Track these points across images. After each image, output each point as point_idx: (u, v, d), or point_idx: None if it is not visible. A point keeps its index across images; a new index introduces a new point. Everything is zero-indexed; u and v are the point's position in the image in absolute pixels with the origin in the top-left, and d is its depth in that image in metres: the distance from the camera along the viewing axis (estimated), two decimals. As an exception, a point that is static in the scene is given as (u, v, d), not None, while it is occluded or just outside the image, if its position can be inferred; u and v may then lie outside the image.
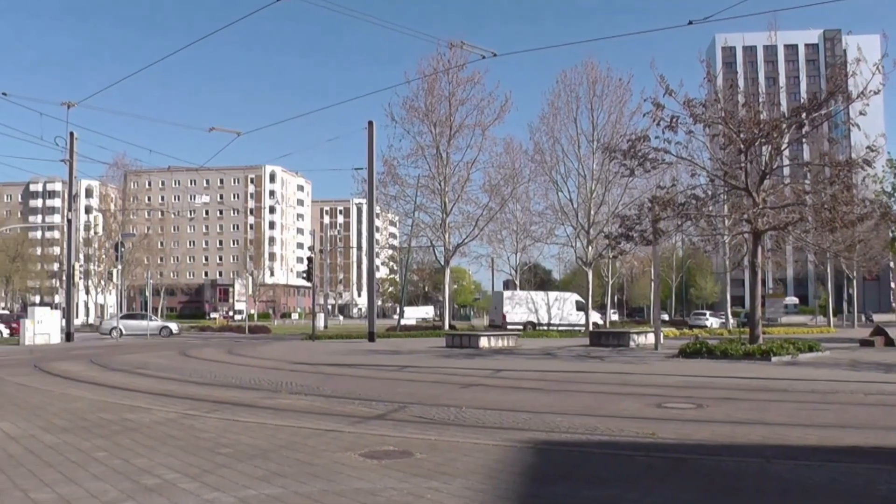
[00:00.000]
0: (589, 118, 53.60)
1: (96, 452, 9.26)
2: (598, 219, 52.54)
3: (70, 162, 50.99)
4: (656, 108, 27.66)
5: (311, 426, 11.25)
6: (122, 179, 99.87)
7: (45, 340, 45.83)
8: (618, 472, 8.08)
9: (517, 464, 8.43)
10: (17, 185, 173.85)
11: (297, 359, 29.31)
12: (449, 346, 36.44)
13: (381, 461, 8.51)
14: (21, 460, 8.88)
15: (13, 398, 15.80)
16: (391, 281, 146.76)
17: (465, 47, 32.40)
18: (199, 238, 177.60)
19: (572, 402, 14.69)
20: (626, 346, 34.80)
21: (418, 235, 61.78)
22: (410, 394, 16.37)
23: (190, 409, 13.68)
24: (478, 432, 10.92)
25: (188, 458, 8.85)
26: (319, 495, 6.91)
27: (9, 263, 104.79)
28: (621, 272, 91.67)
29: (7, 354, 34.70)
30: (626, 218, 31.63)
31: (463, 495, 6.87)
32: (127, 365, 26.80)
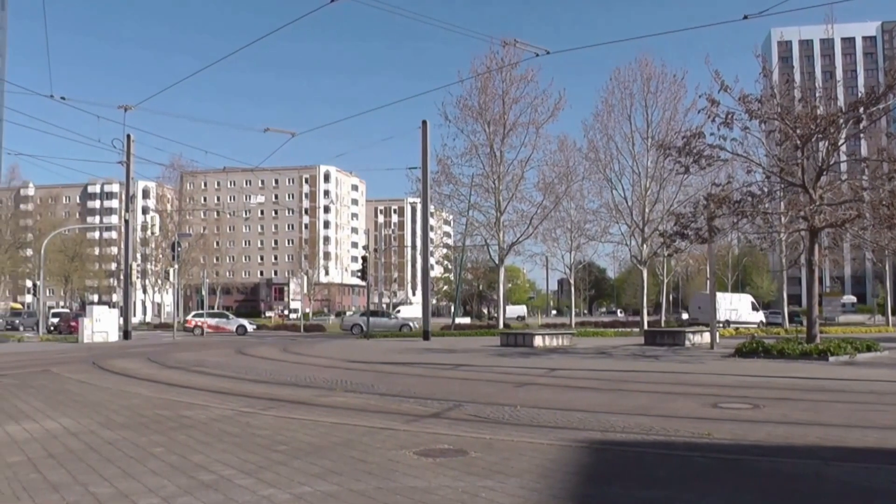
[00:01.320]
0: (643, 115, 53.16)
1: (154, 448, 9.36)
2: (652, 217, 52.10)
3: (127, 163, 51.63)
4: (711, 104, 27.37)
5: (365, 424, 11.25)
6: (179, 180, 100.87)
7: (104, 338, 46.46)
8: (673, 472, 8.00)
9: (572, 463, 8.37)
10: (76, 187, 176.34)
11: (352, 357, 29.42)
12: (503, 344, 36.38)
13: (436, 459, 8.50)
14: (81, 455, 9.00)
15: (73, 395, 16.01)
16: (445, 280, 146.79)
17: (518, 45, 32.35)
18: (255, 237, 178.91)
19: (627, 402, 14.58)
20: (681, 346, 34.48)
21: (472, 234, 61.80)
22: (465, 392, 16.35)
23: (246, 406, 13.78)
24: (532, 431, 10.87)
25: (244, 454, 8.90)
26: (374, 493, 6.92)
27: (68, 263, 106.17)
28: (676, 271, 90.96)
29: (66, 352, 35.20)
30: (681, 216, 31.34)
31: (517, 494, 6.84)
32: (183, 363, 27.07)
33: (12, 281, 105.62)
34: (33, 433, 10.74)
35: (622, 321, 77.03)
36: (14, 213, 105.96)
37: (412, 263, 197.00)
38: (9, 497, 7.08)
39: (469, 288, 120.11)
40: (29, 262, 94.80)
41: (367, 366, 24.96)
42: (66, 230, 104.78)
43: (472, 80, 54.30)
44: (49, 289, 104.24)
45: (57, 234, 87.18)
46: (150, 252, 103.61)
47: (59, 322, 62.47)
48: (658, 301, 74.41)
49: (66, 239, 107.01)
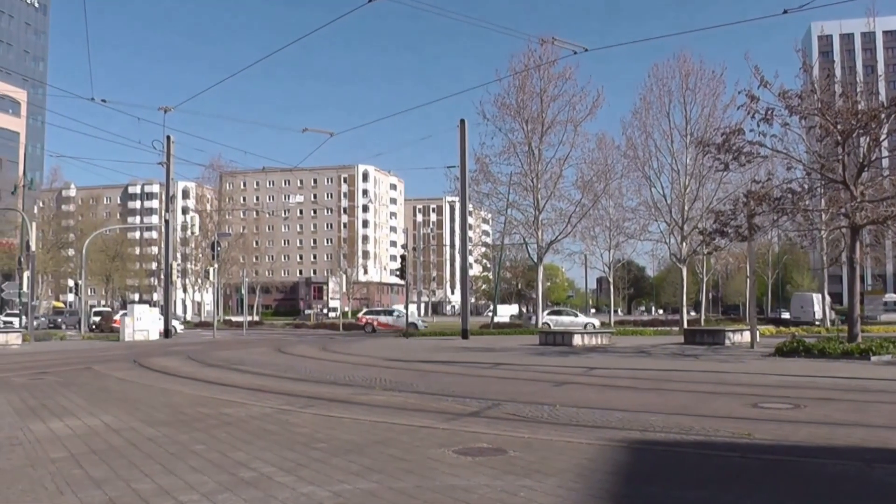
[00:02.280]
0: (682, 112, 52.82)
1: (194, 445, 9.42)
2: (691, 214, 51.77)
3: (167, 164, 52.11)
4: (751, 100, 27.14)
5: (404, 422, 11.26)
6: (218, 180, 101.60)
7: (144, 337, 46.88)
8: (713, 473, 7.94)
9: (610, 463, 8.34)
10: (117, 188, 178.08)
11: (391, 355, 29.47)
12: (542, 343, 36.30)
13: (475, 458, 8.49)
14: (123, 452, 9.08)
15: (115, 392, 16.17)
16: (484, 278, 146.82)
17: (555, 43, 32.27)
18: (294, 237, 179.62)
19: (666, 401, 14.47)
20: (721, 345, 34.22)
21: (511, 233, 61.76)
22: (504, 391, 16.32)
23: (285, 404, 13.84)
24: (571, 431, 10.82)
25: (284, 452, 8.94)
26: (413, 491, 6.92)
27: (109, 263, 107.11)
28: (716, 269, 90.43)
29: (108, 350, 35.54)
30: (720, 213, 31.13)
31: (556, 494, 6.82)
32: (223, 361, 27.25)
33: (55, 280, 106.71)
34: (76, 430, 10.85)
35: (661, 320, 76.72)
36: (56, 213, 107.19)
37: (451, 262, 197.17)
38: (52, 492, 7.16)
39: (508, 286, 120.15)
40: (71, 261, 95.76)
41: (406, 364, 25.00)
42: (107, 230, 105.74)
43: (510, 79, 54.21)
44: (91, 288, 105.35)
45: (98, 234, 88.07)
46: (190, 251, 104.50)
47: (101, 320, 63.07)
48: (698, 299, 73.98)
49: (108, 239, 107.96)
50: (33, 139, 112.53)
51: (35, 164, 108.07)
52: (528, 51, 53.14)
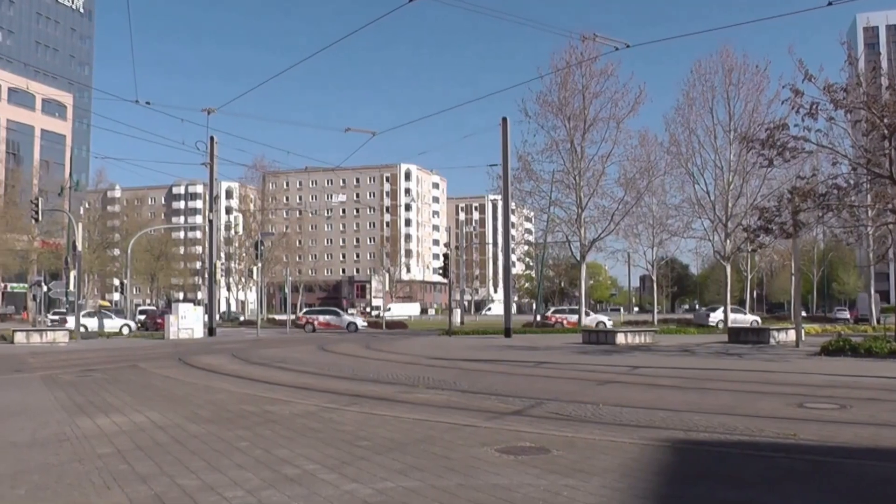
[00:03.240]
0: (725, 107, 52.43)
1: (238, 442, 9.48)
2: (735, 211, 51.36)
3: (210, 165, 52.47)
4: (795, 94, 26.81)
5: (447, 421, 11.26)
6: (261, 180, 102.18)
7: (189, 335, 47.21)
8: (757, 473, 7.85)
9: (654, 463, 8.30)
10: (161, 189, 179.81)
11: (434, 354, 29.51)
12: (585, 342, 36.18)
13: (518, 457, 8.48)
14: (168, 448, 9.16)
15: (160, 390, 16.31)
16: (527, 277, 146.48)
17: (597, 40, 32.12)
18: (337, 236, 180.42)
19: (710, 401, 14.36)
20: (765, 343, 33.92)
21: (554, 231, 61.63)
22: (547, 390, 16.26)
23: (329, 402, 13.90)
24: (615, 430, 10.75)
25: (327, 449, 8.98)
26: (456, 489, 6.92)
27: (154, 262, 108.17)
28: (760, 266, 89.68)
29: (153, 348, 35.84)
30: (764, 210, 30.85)
31: (600, 494, 6.79)
32: (267, 359, 27.38)
33: (100, 279, 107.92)
34: (122, 426, 10.97)
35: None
36: (102, 214, 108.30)
37: (493, 260, 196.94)
38: (99, 487, 7.24)
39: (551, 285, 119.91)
40: (116, 261, 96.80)
41: (449, 363, 25.01)
42: (151, 230, 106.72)
43: (552, 76, 54.07)
44: (136, 287, 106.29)
45: (143, 234, 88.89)
46: (234, 251, 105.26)
47: (146, 319, 63.62)
48: (742, 298, 73.46)
49: (152, 239, 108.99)
50: (79, 141, 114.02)
51: (81, 165, 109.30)
52: (570, 48, 53.05)
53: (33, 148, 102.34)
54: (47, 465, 8.33)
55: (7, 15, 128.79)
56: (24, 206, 64.88)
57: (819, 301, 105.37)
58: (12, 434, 10.46)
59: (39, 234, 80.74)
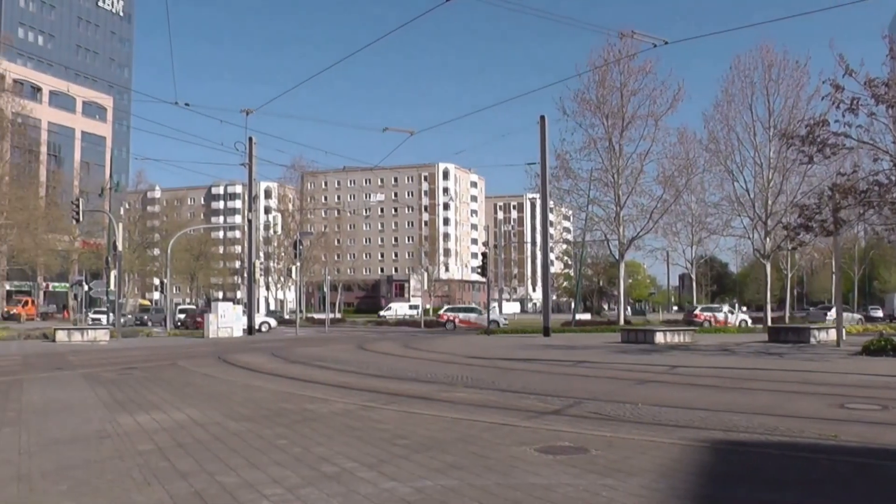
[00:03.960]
0: (765, 104, 51.81)
1: (278, 440, 9.52)
2: (775, 209, 50.86)
3: (249, 165, 52.83)
4: (835, 90, 26.51)
5: (486, 420, 11.25)
6: (300, 180, 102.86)
7: (228, 334, 47.54)
8: (798, 475, 7.77)
9: (694, 463, 8.23)
10: (201, 189, 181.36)
11: (472, 353, 29.47)
12: (624, 341, 36.03)
13: (556, 457, 8.44)
14: (207, 445, 9.22)
15: (200, 388, 16.42)
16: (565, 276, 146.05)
17: (635, 37, 31.94)
18: (375, 235, 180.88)
19: (750, 401, 14.22)
20: (806, 343, 33.58)
21: (592, 229, 61.53)
22: (585, 389, 16.20)
23: (368, 400, 13.92)
24: (654, 430, 10.68)
25: (366, 447, 8.99)
26: (495, 489, 6.90)
27: (193, 262, 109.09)
28: (801, 265, 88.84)
29: (192, 347, 36.09)
30: (805, 207, 30.54)
31: (639, 494, 6.75)
32: (306, 357, 27.47)
33: (141, 279, 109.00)
34: (162, 423, 11.05)
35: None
36: (142, 214, 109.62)
37: (532, 259, 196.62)
38: (140, 483, 7.30)
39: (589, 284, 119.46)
40: (156, 260, 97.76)
41: (488, 362, 24.96)
42: (191, 230, 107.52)
43: (590, 74, 53.92)
44: (175, 286, 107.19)
45: (183, 234, 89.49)
46: (273, 250, 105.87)
47: (186, 318, 64.11)
48: (782, 296, 72.79)
49: (192, 238, 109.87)
50: (119, 143, 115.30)
51: (121, 167, 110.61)
52: (608, 45, 52.88)
53: (74, 150, 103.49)
54: (89, 462, 8.42)
55: (48, 20, 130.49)
56: (66, 207, 65.59)
57: (860, 300, 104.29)
58: (55, 430, 10.58)
59: (80, 234, 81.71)
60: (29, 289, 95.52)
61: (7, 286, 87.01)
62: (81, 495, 6.89)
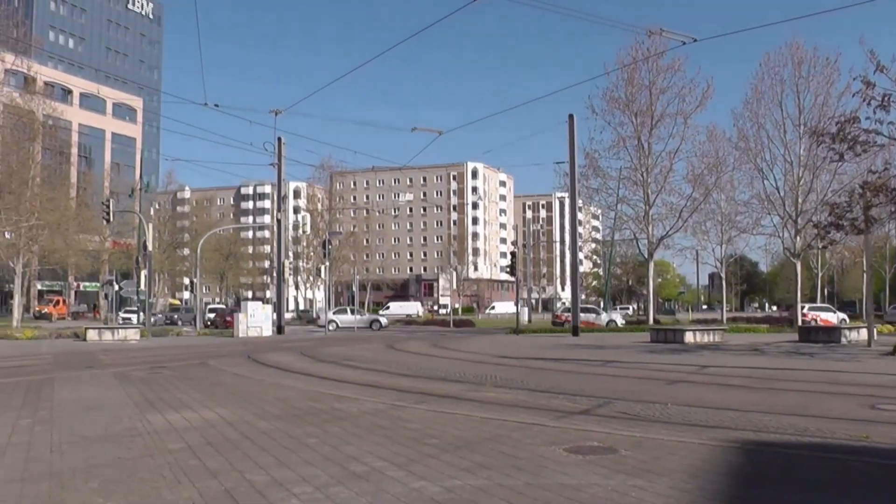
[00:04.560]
0: (795, 101, 51.46)
1: (307, 439, 9.54)
2: (805, 207, 50.53)
3: (278, 165, 53.05)
4: (866, 86, 26.22)
5: (515, 419, 11.23)
6: (329, 180, 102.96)
7: (258, 333, 47.72)
8: (829, 477, 7.70)
9: (724, 464, 8.18)
10: (230, 189, 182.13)
11: (502, 352, 29.45)
12: (653, 341, 35.88)
13: (585, 457, 8.42)
14: (237, 444, 9.26)
15: (229, 387, 16.48)
16: (594, 275, 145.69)
17: (663, 34, 31.78)
18: (404, 235, 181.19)
19: (780, 401, 14.11)
20: (836, 343, 33.30)
21: (621, 228, 61.48)
22: (615, 389, 16.14)
23: (397, 399, 13.93)
24: (683, 430, 10.62)
25: (395, 447, 9.00)
26: (524, 488, 6.89)
27: (223, 261, 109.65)
28: (831, 264, 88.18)
29: (222, 346, 36.28)
30: (835, 206, 30.29)
31: (668, 494, 6.71)
32: (335, 357, 27.52)
33: (171, 279, 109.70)
34: (192, 422, 11.11)
35: (775, 317, 75.22)
36: (171, 215, 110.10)
37: (561, 258, 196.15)
38: (170, 481, 7.34)
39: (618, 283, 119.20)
40: (186, 260, 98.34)
41: (517, 361, 24.93)
42: (220, 230, 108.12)
43: (619, 72, 53.89)
44: (205, 286, 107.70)
45: (212, 234, 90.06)
46: (302, 250, 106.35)
47: (215, 317, 64.43)
48: (812, 296, 72.32)
49: (221, 238, 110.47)
50: (149, 144, 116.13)
51: (151, 167, 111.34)
52: (636, 43, 52.74)
53: (104, 151, 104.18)
54: (119, 460, 8.47)
55: (79, 23, 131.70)
56: (96, 208, 66.00)
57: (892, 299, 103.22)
58: (86, 428, 10.66)
59: (111, 234, 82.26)
60: (60, 288, 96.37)
61: (39, 286, 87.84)
62: (112, 493, 6.93)
